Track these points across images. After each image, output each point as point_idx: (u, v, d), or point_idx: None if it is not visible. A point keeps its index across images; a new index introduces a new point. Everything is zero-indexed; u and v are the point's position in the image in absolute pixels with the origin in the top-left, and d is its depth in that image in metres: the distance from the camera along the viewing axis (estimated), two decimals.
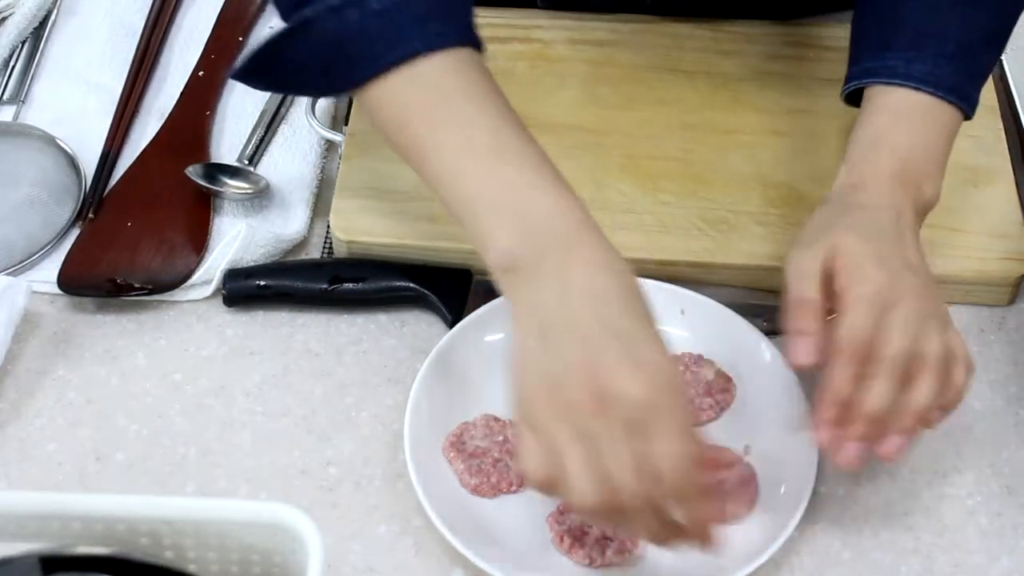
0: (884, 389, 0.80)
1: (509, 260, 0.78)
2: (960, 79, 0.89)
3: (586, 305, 0.75)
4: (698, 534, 0.78)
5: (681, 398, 0.76)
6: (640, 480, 0.73)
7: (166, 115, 1.09)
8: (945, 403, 0.82)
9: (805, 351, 0.81)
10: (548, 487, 0.76)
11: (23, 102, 1.10)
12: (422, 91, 0.82)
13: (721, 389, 0.92)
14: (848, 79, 0.91)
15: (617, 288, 0.77)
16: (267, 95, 1.10)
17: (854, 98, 0.92)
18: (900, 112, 0.88)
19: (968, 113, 0.90)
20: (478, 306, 0.94)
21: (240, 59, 0.86)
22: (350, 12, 0.81)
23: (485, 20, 1.10)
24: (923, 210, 0.88)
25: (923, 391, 0.80)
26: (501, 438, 0.88)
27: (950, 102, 0.88)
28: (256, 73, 0.86)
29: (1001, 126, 1.06)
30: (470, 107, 0.81)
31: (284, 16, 0.84)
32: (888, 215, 0.85)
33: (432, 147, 0.82)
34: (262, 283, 0.97)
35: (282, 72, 0.86)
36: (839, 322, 0.81)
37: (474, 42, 0.84)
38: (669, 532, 0.77)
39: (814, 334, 0.81)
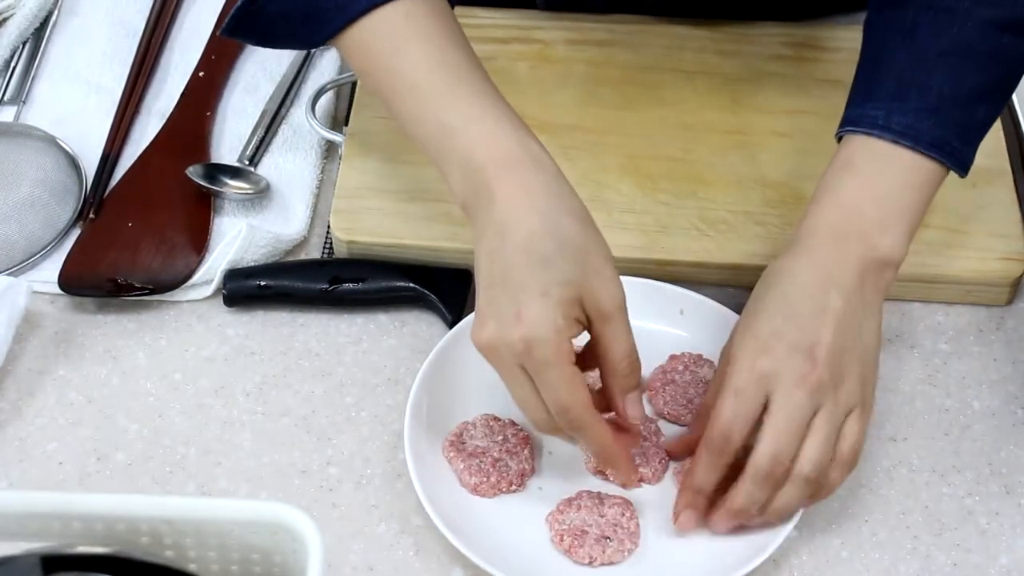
0: (751, 493, 0.81)
1: (461, 202, 0.84)
2: (944, 133, 0.85)
3: (496, 244, 0.80)
4: (607, 464, 0.85)
5: (553, 352, 0.78)
6: (536, 411, 0.81)
7: (167, 115, 1.09)
8: (813, 498, 0.83)
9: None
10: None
11: (24, 103, 1.11)
12: (377, 37, 0.87)
13: None
14: (839, 126, 0.89)
15: (528, 226, 0.79)
16: (268, 95, 1.10)
17: None
18: (855, 161, 0.85)
19: (954, 168, 0.86)
20: None
21: (229, 15, 0.90)
22: None
23: (486, 21, 1.11)
24: (879, 265, 0.84)
25: (784, 500, 0.81)
26: (501, 438, 0.89)
27: (931, 157, 0.84)
28: (243, 28, 0.91)
29: (1000, 127, 1.05)
30: (415, 49, 0.86)
31: None
32: (814, 284, 0.82)
33: (390, 94, 0.87)
34: (262, 283, 0.97)
35: (265, 26, 0.90)
36: (716, 401, 0.82)
37: None
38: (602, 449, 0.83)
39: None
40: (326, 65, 1.13)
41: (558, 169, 0.83)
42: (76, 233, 1.01)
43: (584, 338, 0.81)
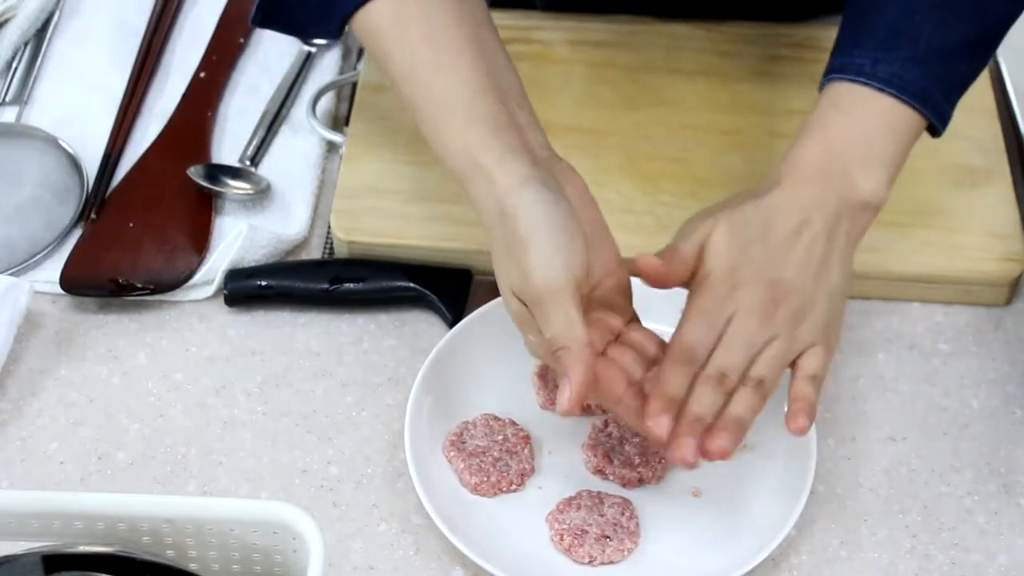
0: (702, 395, 0.80)
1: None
2: (928, 84, 0.85)
3: (493, 228, 0.82)
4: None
5: (551, 302, 0.79)
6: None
7: (168, 116, 1.09)
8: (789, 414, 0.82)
9: (657, 262, 0.84)
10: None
11: (26, 103, 1.11)
12: (388, 20, 0.88)
13: None
14: (823, 73, 0.89)
15: (508, 209, 0.81)
16: (269, 95, 1.10)
17: None
18: (841, 103, 0.86)
19: (934, 121, 0.86)
20: (478, 306, 0.94)
21: (254, 7, 0.93)
22: None
23: None
24: (857, 206, 0.85)
25: (738, 404, 0.81)
26: (501, 437, 0.89)
27: (913, 107, 0.85)
28: (268, 18, 0.94)
29: (999, 127, 1.06)
30: (415, 28, 0.87)
31: None
32: (790, 221, 0.83)
33: (396, 77, 0.88)
34: (263, 283, 0.97)
35: (288, 15, 0.93)
36: (680, 324, 0.83)
37: None
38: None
39: (673, 266, 0.84)
40: (327, 65, 1.14)
41: (507, 157, 0.83)
42: (77, 233, 1.01)
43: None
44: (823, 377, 0.82)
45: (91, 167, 1.05)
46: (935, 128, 0.87)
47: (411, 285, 0.97)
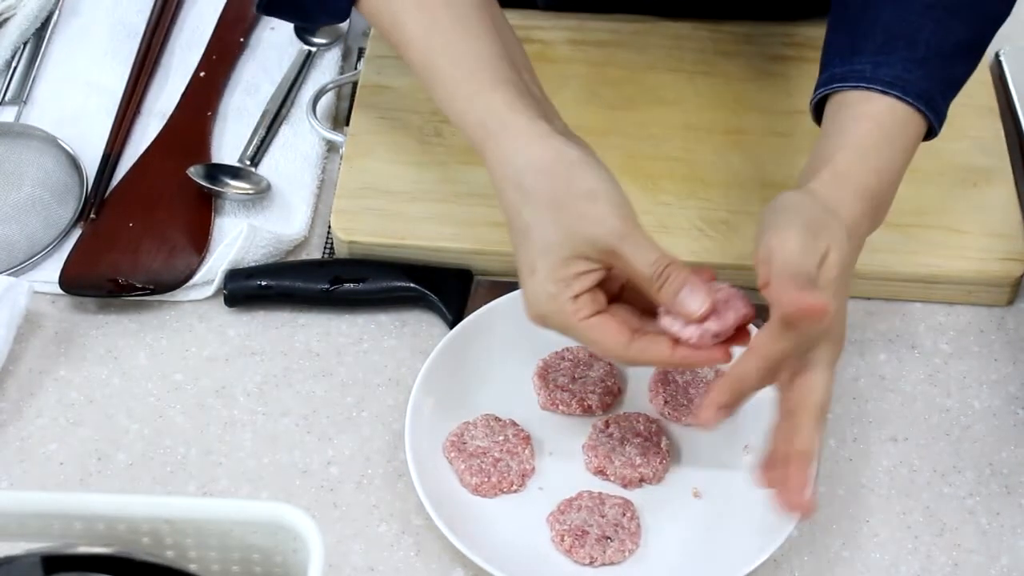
0: (810, 434, 0.79)
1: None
2: (930, 86, 0.85)
3: (532, 187, 0.81)
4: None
5: (561, 318, 0.80)
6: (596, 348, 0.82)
7: (168, 116, 1.09)
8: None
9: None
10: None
11: (25, 103, 1.11)
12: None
13: None
14: (816, 87, 0.88)
15: (508, 213, 0.82)
16: (269, 95, 1.10)
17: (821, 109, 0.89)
18: (878, 123, 0.84)
19: (934, 125, 0.86)
20: (478, 306, 0.94)
21: None
22: None
23: None
24: (871, 232, 0.86)
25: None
26: (501, 438, 0.89)
27: (917, 109, 0.84)
28: (273, 4, 0.94)
29: (1000, 126, 1.06)
30: (430, 11, 0.87)
31: None
32: (850, 247, 0.82)
33: (410, 42, 0.88)
34: (263, 283, 0.97)
35: (293, 1, 0.93)
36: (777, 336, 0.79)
37: None
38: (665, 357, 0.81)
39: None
40: (327, 65, 1.14)
41: (535, 124, 0.83)
42: (77, 233, 1.01)
43: None
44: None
45: (91, 167, 1.05)
46: (931, 131, 0.87)
47: (411, 285, 0.97)
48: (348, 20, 1.03)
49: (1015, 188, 1.02)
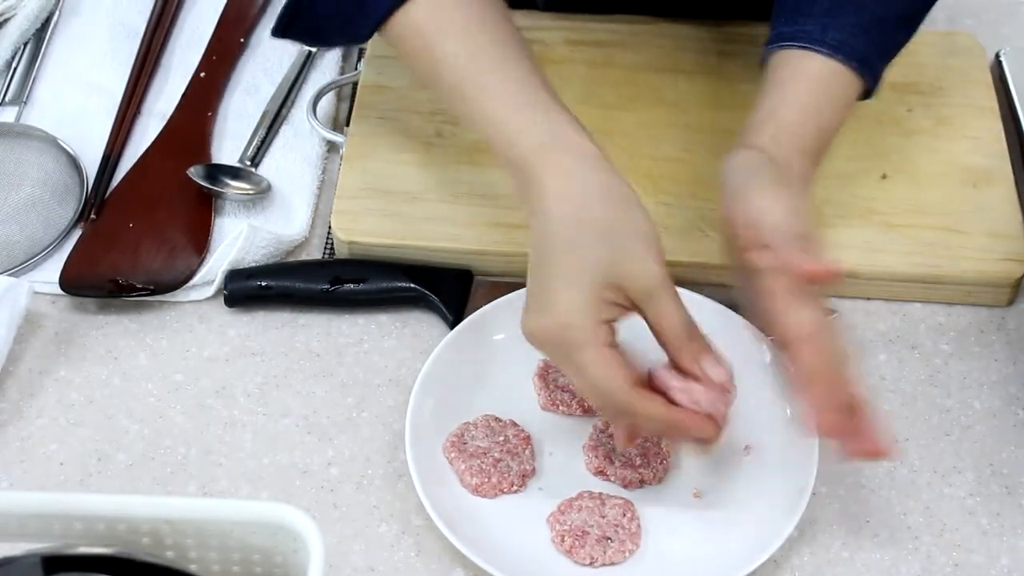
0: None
1: (517, 196, 0.83)
2: (871, 52, 0.89)
3: (535, 247, 0.81)
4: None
5: (583, 334, 0.78)
6: (590, 395, 0.81)
7: (168, 116, 1.09)
8: None
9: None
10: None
11: (25, 103, 1.11)
12: (425, 26, 0.87)
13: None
14: (765, 44, 0.91)
15: (552, 224, 0.80)
16: (269, 95, 1.10)
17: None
18: (822, 83, 0.88)
19: (871, 85, 0.90)
20: (479, 306, 0.94)
21: (277, 16, 0.93)
22: None
23: None
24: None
25: None
26: (502, 438, 0.89)
27: (859, 73, 0.88)
28: (290, 28, 0.93)
29: (1001, 127, 1.06)
30: (460, 41, 0.86)
31: None
32: (804, 202, 0.85)
33: (435, 85, 0.88)
34: (263, 284, 0.97)
35: (312, 24, 0.92)
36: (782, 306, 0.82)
37: None
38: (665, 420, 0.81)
39: None
40: (327, 66, 1.13)
41: (598, 151, 0.83)
42: (77, 234, 1.01)
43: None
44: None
45: (91, 167, 1.05)
46: (867, 93, 0.90)
47: (411, 286, 0.97)
48: None
49: (1015, 188, 1.02)
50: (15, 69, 1.13)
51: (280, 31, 0.94)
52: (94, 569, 0.66)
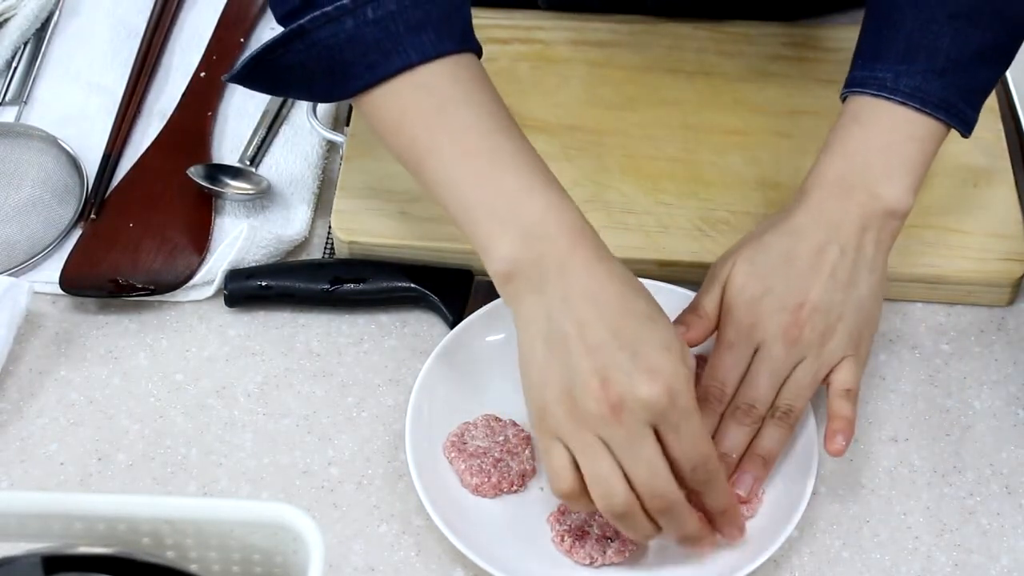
0: (729, 432, 0.84)
1: (509, 268, 0.80)
2: (950, 95, 0.87)
3: (589, 310, 0.77)
4: (725, 522, 0.82)
5: (691, 400, 0.77)
6: (664, 480, 0.77)
7: (168, 116, 1.09)
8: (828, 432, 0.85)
9: (679, 332, 0.83)
10: (576, 497, 0.79)
11: (25, 103, 1.11)
12: (418, 97, 0.82)
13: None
14: (844, 85, 0.91)
15: (618, 290, 0.79)
16: (268, 96, 1.10)
17: None
18: (861, 117, 0.88)
19: (959, 128, 0.88)
20: (479, 306, 0.94)
21: (239, 62, 0.87)
22: (346, 21, 0.81)
23: (487, 21, 1.11)
24: (882, 215, 0.86)
25: (765, 437, 0.84)
26: (502, 438, 0.89)
27: (936, 117, 0.87)
28: (254, 77, 0.87)
29: (1001, 127, 1.06)
30: (466, 112, 0.82)
31: (280, 22, 0.85)
32: (814, 240, 0.85)
33: (428, 152, 0.83)
34: (263, 284, 0.97)
35: (280, 78, 0.87)
36: (709, 360, 0.86)
37: (471, 48, 0.85)
38: (696, 529, 0.80)
39: (695, 331, 0.87)
40: None
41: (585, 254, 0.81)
42: (77, 233, 1.01)
43: None
44: (856, 389, 0.85)
45: (91, 167, 1.05)
46: (960, 131, 0.89)
47: (412, 285, 0.97)
48: None
49: (1015, 188, 1.02)
50: (15, 69, 1.13)
51: (239, 78, 0.87)
52: (94, 569, 0.66)
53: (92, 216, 1.02)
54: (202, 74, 1.12)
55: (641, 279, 0.94)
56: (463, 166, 0.82)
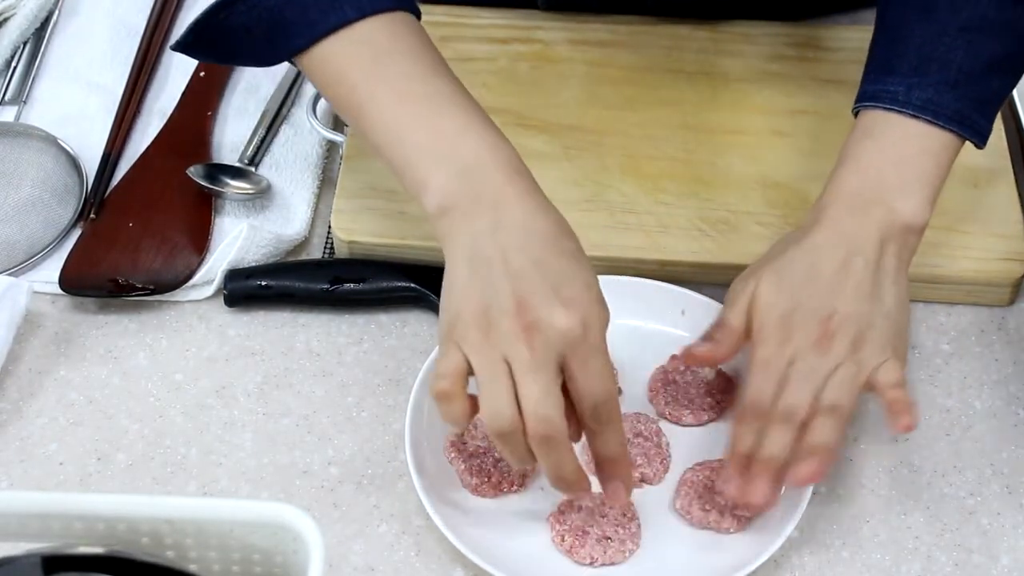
0: (772, 437, 0.82)
1: (444, 201, 0.82)
2: (963, 106, 0.87)
3: (517, 238, 0.79)
4: (612, 473, 0.82)
5: (603, 340, 0.79)
6: (553, 408, 0.77)
7: (167, 115, 1.09)
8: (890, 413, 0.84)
9: (706, 345, 0.85)
10: (447, 399, 0.79)
11: (25, 103, 1.11)
12: (357, 50, 0.86)
13: (722, 389, 0.92)
14: (856, 99, 0.90)
15: (547, 226, 0.81)
16: (269, 95, 1.10)
17: None
18: (874, 131, 0.87)
19: (973, 139, 0.88)
20: None
21: (183, 31, 0.89)
22: None
23: (486, 21, 1.11)
24: (901, 229, 0.86)
25: (816, 431, 0.82)
26: None
27: (949, 130, 0.87)
28: (199, 44, 0.90)
29: (1001, 126, 1.05)
30: (403, 61, 0.85)
31: None
32: (836, 257, 0.85)
33: (367, 99, 0.85)
34: (263, 283, 0.97)
35: (225, 43, 0.89)
36: (745, 381, 0.85)
37: (408, 7, 0.88)
38: (572, 471, 0.80)
39: (724, 346, 0.86)
40: None
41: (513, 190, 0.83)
42: (77, 233, 1.01)
43: None
44: (904, 383, 0.84)
45: (90, 167, 1.05)
46: (974, 142, 0.89)
47: (411, 285, 0.97)
48: None
49: (1016, 188, 1.02)
50: (15, 68, 1.13)
51: (184, 45, 0.90)
52: (94, 569, 0.66)
53: (92, 216, 1.02)
54: (202, 74, 1.12)
55: (641, 279, 0.94)
56: (400, 110, 0.84)
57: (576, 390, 0.79)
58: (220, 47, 0.90)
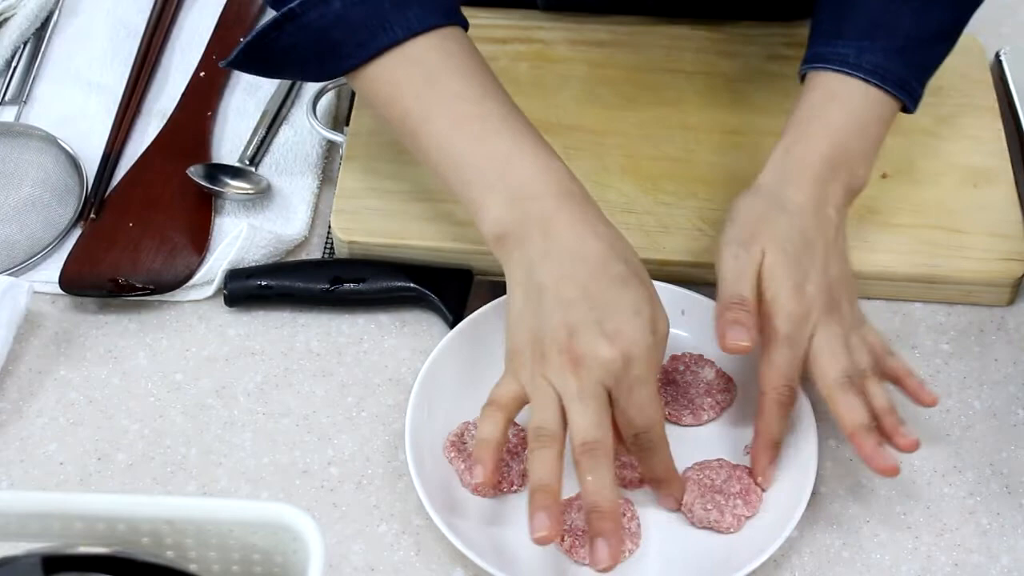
0: (877, 391, 0.85)
1: (497, 229, 0.84)
2: (907, 73, 0.90)
3: (566, 266, 0.81)
4: (663, 491, 0.84)
5: (647, 370, 0.80)
6: (603, 429, 0.79)
7: (168, 116, 1.09)
8: (911, 390, 0.88)
9: (741, 335, 0.85)
10: (497, 408, 0.82)
11: (25, 103, 1.10)
12: (408, 71, 0.86)
13: (721, 389, 0.92)
14: (802, 63, 0.93)
15: (597, 250, 0.82)
16: (269, 95, 1.10)
17: None
18: (839, 95, 0.90)
19: (909, 105, 0.91)
20: (479, 306, 0.94)
21: (236, 48, 0.90)
22: (333, 2, 0.85)
23: (486, 21, 1.11)
24: (853, 194, 0.90)
25: (879, 396, 0.85)
26: None
27: (894, 95, 0.89)
28: (251, 62, 0.91)
29: (1001, 126, 1.06)
30: (455, 81, 0.86)
31: (272, 6, 0.88)
32: (812, 221, 0.87)
33: (421, 123, 0.86)
34: (263, 283, 0.97)
35: (275, 61, 0.90)
36: (764, 356, 0.85)
37: (456, 21, 0.88)
38: (608, 485, 0.80)
39: (750, 326, 0.85)
40: None
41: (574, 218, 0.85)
42: (77, 233, 1.01)
43: None
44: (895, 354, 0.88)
45: (91, 167, 1.05)
46: (906, 108, 0.92)
47: (411, 285, 0.97)
48: None
49: (1015, 188, 1.02)
50: (15, 68, 1.13)
51: (236, 63, 0.91)
52: (94, 569, 0.66)
53: (92, 216, 1.02)
54: (202, 74, 1.12)
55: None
56: (454, 133, 0.86)
57: (620, 419, 0.80)
58: (271, 65, 0.91)
